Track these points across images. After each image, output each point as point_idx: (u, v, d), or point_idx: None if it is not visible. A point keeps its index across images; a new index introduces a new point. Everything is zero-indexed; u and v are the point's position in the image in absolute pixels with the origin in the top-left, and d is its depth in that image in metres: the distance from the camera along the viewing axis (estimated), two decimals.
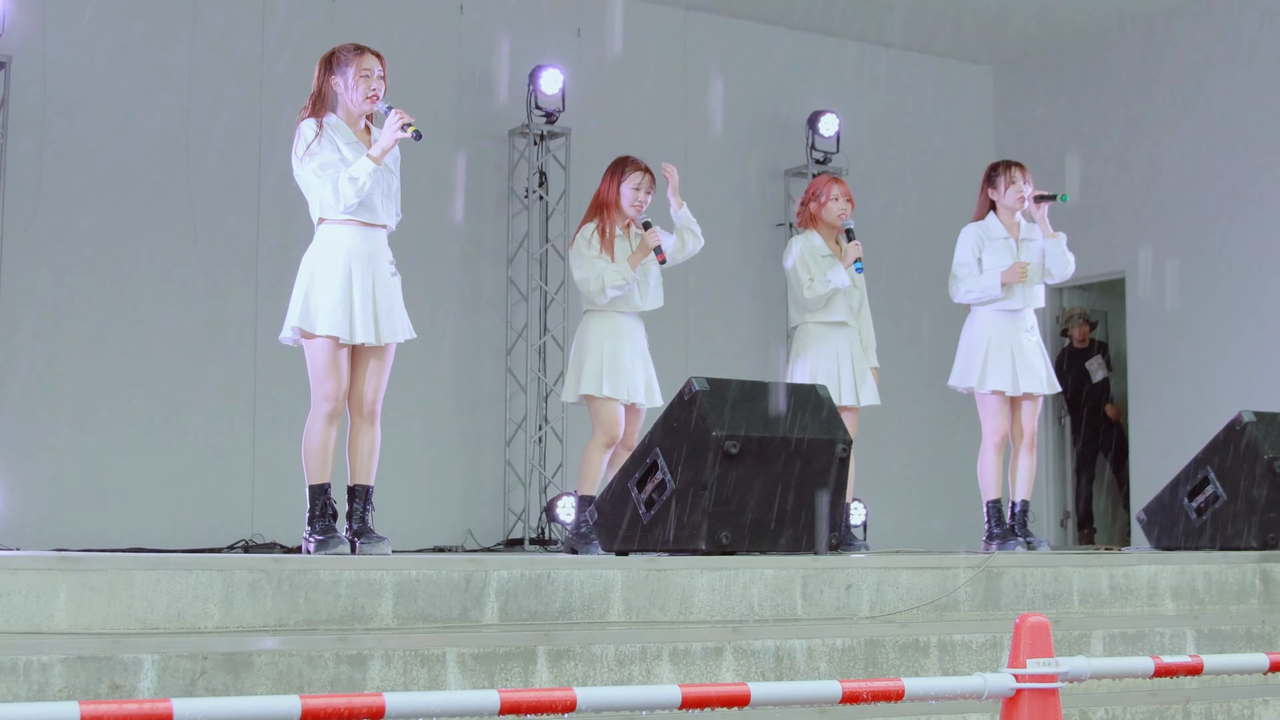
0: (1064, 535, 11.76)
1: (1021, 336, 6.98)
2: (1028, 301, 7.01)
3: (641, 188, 6.57)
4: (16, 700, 3.64)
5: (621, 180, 6.57)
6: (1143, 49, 11.19)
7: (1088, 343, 11.63)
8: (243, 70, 9.47)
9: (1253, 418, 6.78)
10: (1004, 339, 6.96)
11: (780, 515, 5.33)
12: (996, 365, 6.93)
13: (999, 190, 7.05)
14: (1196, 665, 3.74)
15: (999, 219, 7.08)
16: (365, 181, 5.29)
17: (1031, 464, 7.07)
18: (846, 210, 7.03)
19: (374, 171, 5.31)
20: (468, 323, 10.06)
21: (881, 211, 10.81)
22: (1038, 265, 7.03)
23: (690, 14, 11.04)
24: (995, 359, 6.94)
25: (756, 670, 4.64)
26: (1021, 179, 7.03)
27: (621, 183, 6.56)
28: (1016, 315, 7.00)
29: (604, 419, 6.46)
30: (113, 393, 8.90)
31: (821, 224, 7.08)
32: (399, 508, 9.21)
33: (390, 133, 5.33)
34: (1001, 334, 6.96)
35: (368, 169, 5.29)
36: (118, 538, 8.62)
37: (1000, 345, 6.95)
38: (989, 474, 7.02)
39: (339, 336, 5.31)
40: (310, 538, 5.35)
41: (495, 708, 2.83)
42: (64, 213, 8.88)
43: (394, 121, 5.33)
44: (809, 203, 7.10)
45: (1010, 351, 6.94)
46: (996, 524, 7.00)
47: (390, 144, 5.34)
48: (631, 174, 6.58)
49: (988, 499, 7.04)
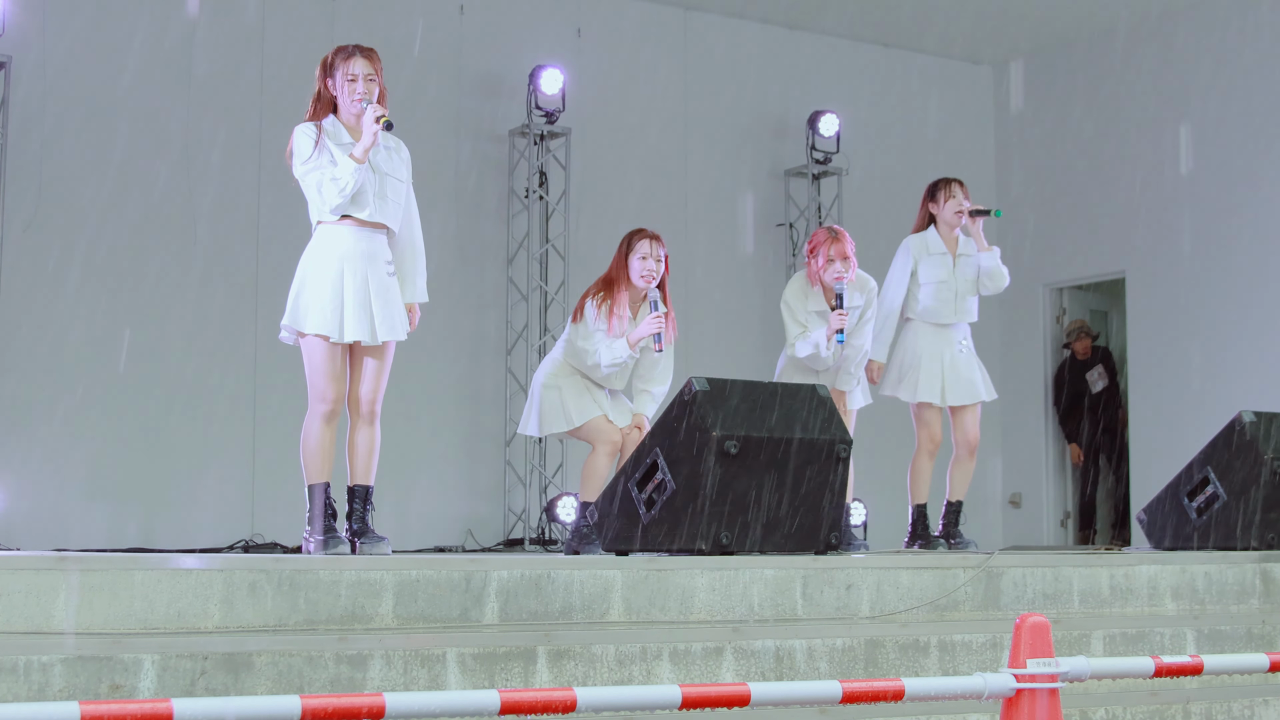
0: (1064, 535, 11.76)
1: (953, 350, 7.20)
2: (961, 316, 7.24)
3: (650, 256, 6.34)
4: (16, 700, 3.64)
5: (629, 253, 6.38)
6: (1143, 49, 11.18)
7: (1089, 354, 11.62)
8: (243, 70, 9.47)
9: (1253, 418, 6.78)
10: (936, 351, 7.18)
11: (780, 515, 5.33)
12: (927, 377, 7.15)
13: (939, 205, 7.26)
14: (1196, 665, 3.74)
15: (938, 233, 7.28)
16: (348, 182, 5.29)
17: (970, 469, 7.32)
18: (842, 273, 6.82)
19: (357, 171, 5.30)
20: (468, 323, 10.06)
21: (881, 212, 10.81)
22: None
23: (690, 14, 11.04)
24: (926, 371, 7.15)
25: (756, 670, 4.64)
26: (961, 194, 7.23)
27: (629, 255, 6.37)
28: (948, 330, 7.22)
29: (599, 433, 6.42)
30: (113, 393, 8.90)
31: (819, 281, 6.99)
32: (399, 508, 9.24)
33: (367, 130, 5.33)
34: (933, 347, 7.19)
35: (349, 169, 5.29)
36: (118, 538, 8.63)
37: (932, 357, 7.17)
38: (919, 479, 7.29)
39: (329, 335, 5.31)
40: (310, 538, 5.35)
41: (495, 708, 2.83)
42: (64, 213, 8.88)
43: (368, 117, 5.33)
44: (811, 257, 6.96)
45: (941, 364, 7.17)
46: (922, 527, 7.27)
47: (370, 142, 5.33)
48: (638, 243, 6.37)
49: (915, 503, 7.30)
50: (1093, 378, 11.56)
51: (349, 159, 5.31)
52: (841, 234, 6.94)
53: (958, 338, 7.23)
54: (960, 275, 7.21)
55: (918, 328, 7.23)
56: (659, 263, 6.36)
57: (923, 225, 7.33)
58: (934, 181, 7.35)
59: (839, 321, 6.74)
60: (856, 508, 9.79)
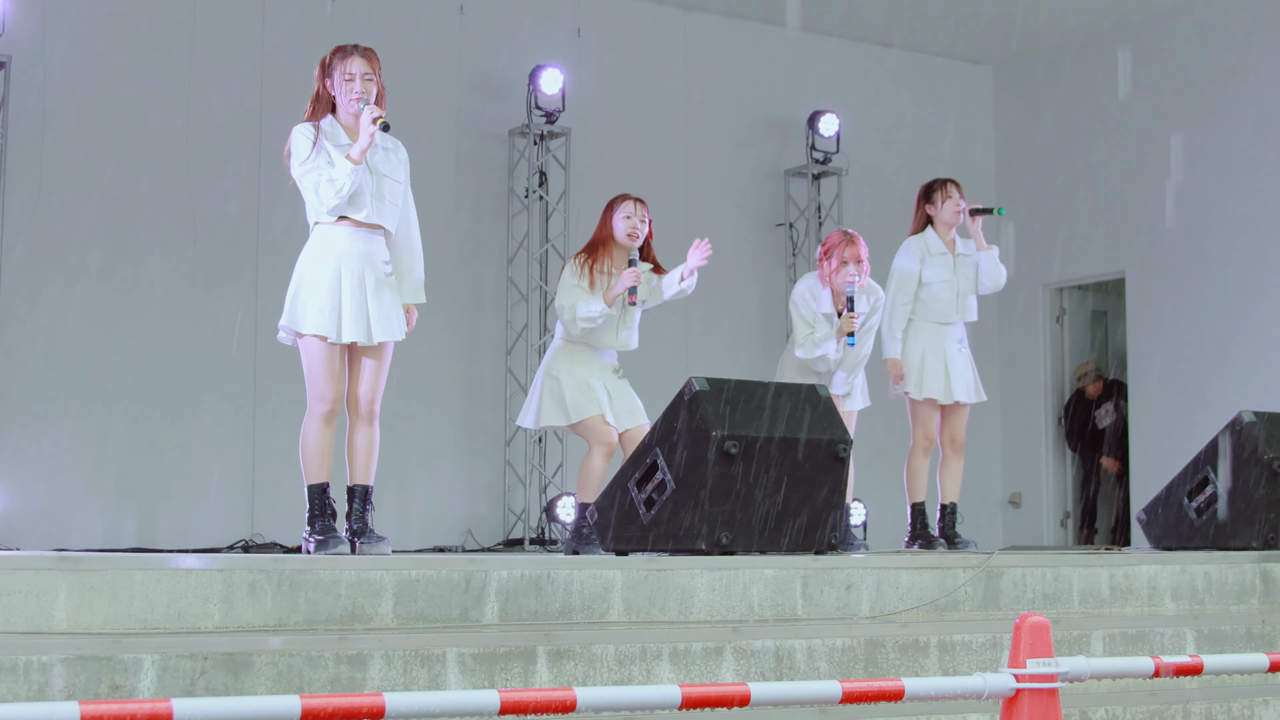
0: (1064, 535, 11.76)
1: (953, 348, 7.27)
2: (961, 315, 7.32)
3: (634, 215, 6.41)
4: (16, 700, 3.64)
5: (613, 214, 6.45)
6: (1143, 49, 11.18)
7: (1100, 393, 11.59)
8: (243, 70, 9.47)
9: (1253, 418, 6.78)
10: (938, 349, 7.25)
11: (780, 515, 5.33)
12: (932, 374, 7.22)
13: (936, 206, 7.33)
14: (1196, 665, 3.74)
15: (936, 234, 7.33)
16: (344, 182, 5.28)
17: (959, 469, 7.42)
18: (854, 277, 6.86)
19: (354, 172, 5.29)
20: (468, 323, 10.06)
21: (881, 212, 10.81)
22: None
23: (690, 14, 11.04)
24: (931, 368, 7.23)
25: (756, 670, 4.64)
26: (958, 194, 7.30)
27: (613, 216, 6.45)
28: (949, 328, 7.30)
29: (596, 432, 6.41)
30: (113, 393, 8.90)
31: (830, 283, 7.01)
32: (399, 508, 9.24)
33: (364, 131, 5.33)
34: (935, 345, 7.26)
35: (346, 170, 5.29)
36: (117, 538, 8.63)
37: (935, 355, 7.25)
38: (917, 478, 7.33)
39: (326, 335, 5.31)
40: (310, 538, 5.35)
41: (495, 708, 2.83)
42: (64, 213, 8.88)
43: (365, 118, 5.33)
44: (823, 258, 7.00)
45: (944, 362, 7.24)
46: (921, 525, 7.30)
47: (367, 143, 5.32)
48: (621, 204, 6.44)
49: (912, 501, 7.34)
50: (1100, 415, 11.55)
51: (346, 160, 5.30)
52: (856, 238, 6.98)
53: (957, 336, 7.31)
54: (961, 275, 7.30)
55: (920, 326, 7.28)
56: (643, 223, 6.44)
57: (919, 227, 7.38)
58: (928, 183, 7.41)
59: (850, 325, 6.80)
60: (856, 508, 9.79)
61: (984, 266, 7.32)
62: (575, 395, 6.36)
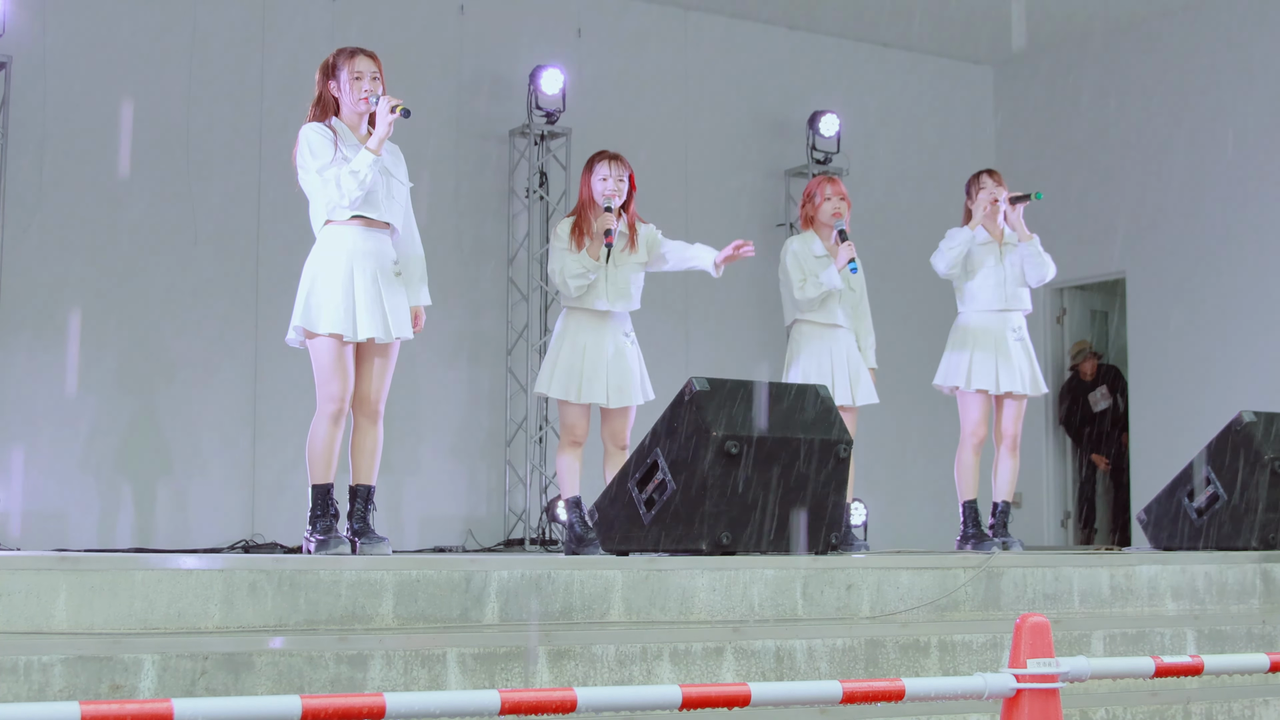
0: (1064, 535, 11.76)
1: (1008, 337, 7.07)
2: (1013, 304, 7.11)
3: (610, 176, 6.37)
4: (16, 700, 3.64)
5: (591, 174, 6.44)
6: (1143, 49, 11.19)
7: (1094, 376, 11.61)
8: (243, 70, 9.46)
9: (1253, 418, 6.78)
10: (989, 340, 7.05)
11: (780, 515, 5.33)
12: (981, 365, 7.02)
13: (972, 199, 7.21)
14: (1197, 665, 3.74)
15: (983, 226, 7.19)
16: (366, 174, 5.28)
17: (1014, 465, 7.15)
18: (841, 210, 6.94)
19: (374, 163, 5.30)
20: (468, 323, 10.06)
21: (881, 212, 10.81)
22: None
23: (690, 14, 11.04)
24: (980, 359, 7.03)
25: (757, 670, 4.64)
26: (992, 183, 7.15)
27: (592, 177, 6.44)
28: (1003, 316, 7.10)
29: (564, 421, 6.41)
30: (112, 392, 8.90)
31: (819, 225, 7.05)
32: (399, 508, 9.24)
33: (383, 120, 5.32)
34: (987, 335, 7.06)
35: (367, 160, 5.29)
36: (118, 538, 8.63)
37: (985, 345, 7.04)
38: (966, 475, 7.10)
39: (343, 334, 5.30)
40: (311, 538, 5.34)
41: (495, 708, 2.83)
42: (64, 213, 8.88)
43: (383, 107, 5.33)
44: (805, 204, 7.09)
45: (995, 352, 7.03)
46: (972, 525, 7.07)
47: (386, 131, 5.33)
48: (598, 165, 6.42)
49: (964, 499, 7.11)
50: (1095, 398, 11.56)
51: (366, 151, 5.30)
52: (836, 179, 7.13)
53: (1011, 324, 7.11)
54: (1008, 263, 7.11)
55: (969, 317, 7.14)
56: (620, 182, 6.39)
57: (967, 220, 7.25)
58: (971, 175, 7.31)
59: (849, 251, 6.83)
60: (856, 508, 9.78)
61: (1027, 257, 7.09)
62: (562, 373, 6.33)
